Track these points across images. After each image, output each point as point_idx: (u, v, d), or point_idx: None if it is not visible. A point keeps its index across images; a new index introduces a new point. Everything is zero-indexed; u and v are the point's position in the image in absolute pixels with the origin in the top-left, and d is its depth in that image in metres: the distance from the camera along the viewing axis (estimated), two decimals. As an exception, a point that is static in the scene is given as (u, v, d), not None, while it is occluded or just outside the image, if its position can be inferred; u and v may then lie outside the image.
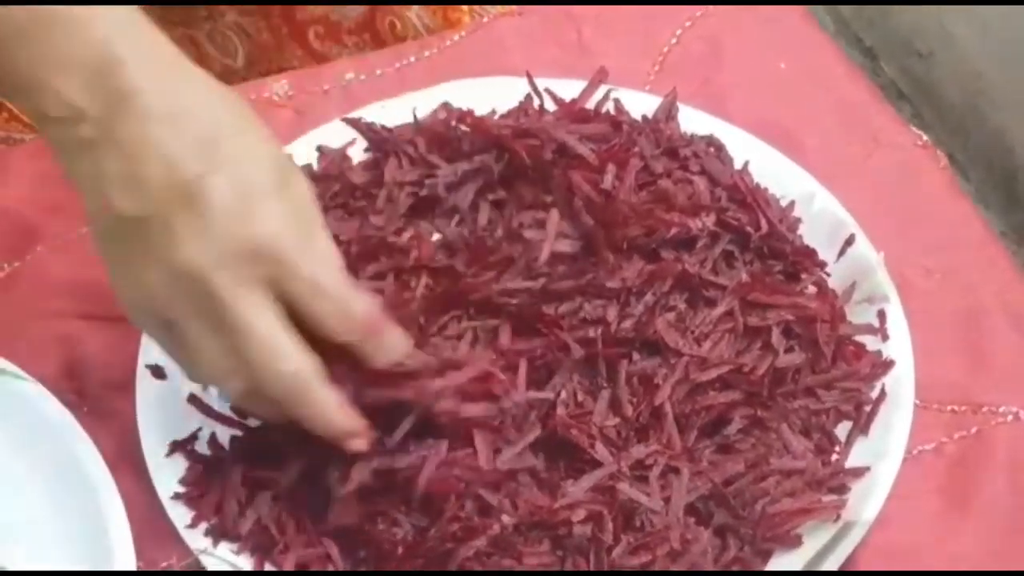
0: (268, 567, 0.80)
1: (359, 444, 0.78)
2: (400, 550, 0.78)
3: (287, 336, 0.75)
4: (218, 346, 0.75)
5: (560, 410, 0.82)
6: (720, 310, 0.87)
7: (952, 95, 2.06)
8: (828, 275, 0.91)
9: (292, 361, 0.75)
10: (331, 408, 0.76)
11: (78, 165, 0.75)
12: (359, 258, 0.87)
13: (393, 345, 0.78)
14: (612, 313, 0.86)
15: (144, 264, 0.74)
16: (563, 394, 0.83)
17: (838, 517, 0.82)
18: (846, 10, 2.22)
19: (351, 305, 0.76)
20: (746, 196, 0.92)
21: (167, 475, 0.83)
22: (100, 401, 0.88)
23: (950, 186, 1.01)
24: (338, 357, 0.77)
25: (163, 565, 0.82)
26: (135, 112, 0.73)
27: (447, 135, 0.95)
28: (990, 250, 0.97)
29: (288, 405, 0.76)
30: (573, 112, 0.97)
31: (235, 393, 0.78)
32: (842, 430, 0.86)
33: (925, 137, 1.02)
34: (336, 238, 0.88)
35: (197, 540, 0.81)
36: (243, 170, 0.74)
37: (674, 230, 0.89)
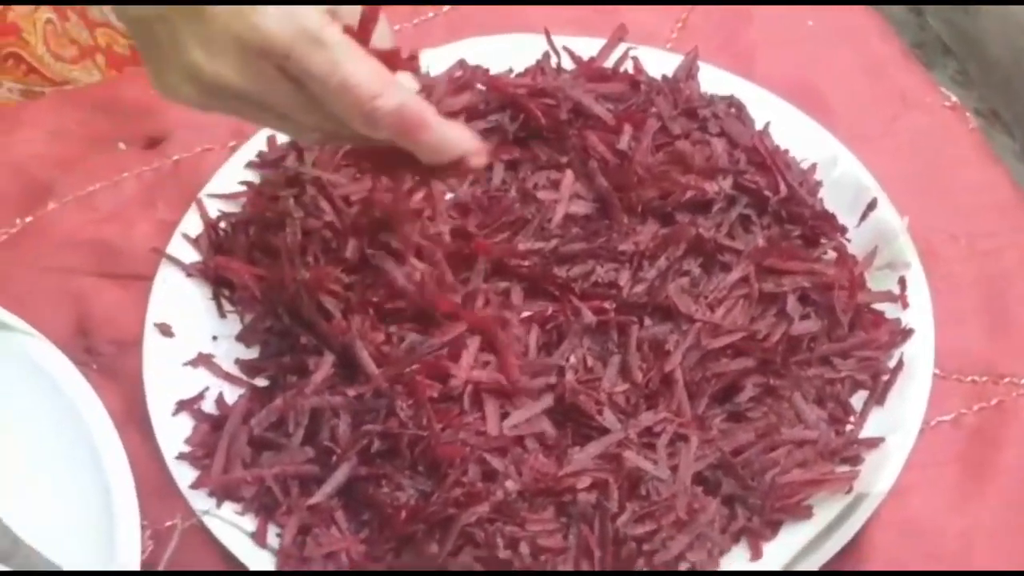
0: (271, 528, 0.80)
1: (480, 159, 0.74)
2: (403, 514, 0.77)
3: (372, 63, 0.71)
4: (300, 98, 0.71)
5: (569, 375, 0.81)
6: (735, 276, 0.85)
7: (998, 50, 2.01)
8: (848, 240, 0.89)
9: (387, 91, 0.70)
10: (447, 126, 0.73)
11: None
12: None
13: (439, 143, 0.73)
14: (624, 277, 0.85)
15: (173, 77, 0.72)
16: (572, 359, 0.82)
17: (851, 489, 0.80)
18: (892, -36, 2.18)
19: (373, 91, 0.70)
20: (765, 158, 0.90)
21: (172, 435, 0.83)
22: (109, 359, 0.88)
23: (979, 149, 0.98)
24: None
25: (167, 524, 0.81)
26: None
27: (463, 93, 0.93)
28: (1018, 216, 0.94)
29: (398, 137, 0.72)
30: (591, 71, 0.96)
31: (329, 136, 0.76)
32: (858, 400, 0.85)
33: (954, 98, 0.99)
34: (347, 198, 0.87)
35: (201, 501, 0.81)
36: None
37: (690, 193, 0.87)
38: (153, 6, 0.71)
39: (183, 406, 0.84)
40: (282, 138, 0.94)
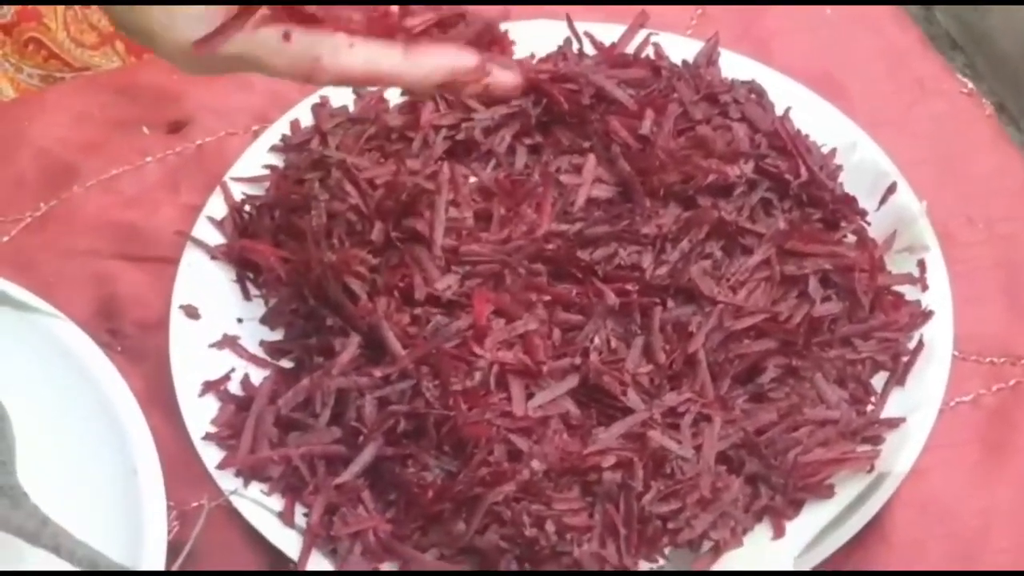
0: (298, 508, 0.80)
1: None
2: (430, 494, 0.78)
3: None
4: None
5: (593, 356, 0.82)
6: (756, 258, 0.86)
7: (1006, 45, 2.02)
8: (868, 224, 0.90)
9: None
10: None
11: None
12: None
13: (427, 62, 0.71)
14: (647, 260, 0.85)
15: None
16: (596, 340, 0.83)
17: (872, 468, 0.81)
18: (900, -42, 2.18)
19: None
20: (786, 143, 0.90)
21: (199, 416, 0.84)
22: (133, 341, 0.89)
23: (995, 135, 0.99)
24: None
25: (193, 505, 0.82)
26: None
27: (484, 78, 0.94)
28: (1036, 201, 0.95)
29: None
30: (612, 56, 0.96)
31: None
32: (878, 381, 0.85)
33: (971, 85, 1.00)
34: (371, 181, 0.88)
35: (228, 481, 0.81)
36: None
37: (711, 177, 0.88)
38: None
39: (209, 387, 0.85)
40: (306, 122, 0.95)
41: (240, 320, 0.89)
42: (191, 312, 0.87)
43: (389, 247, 0.86)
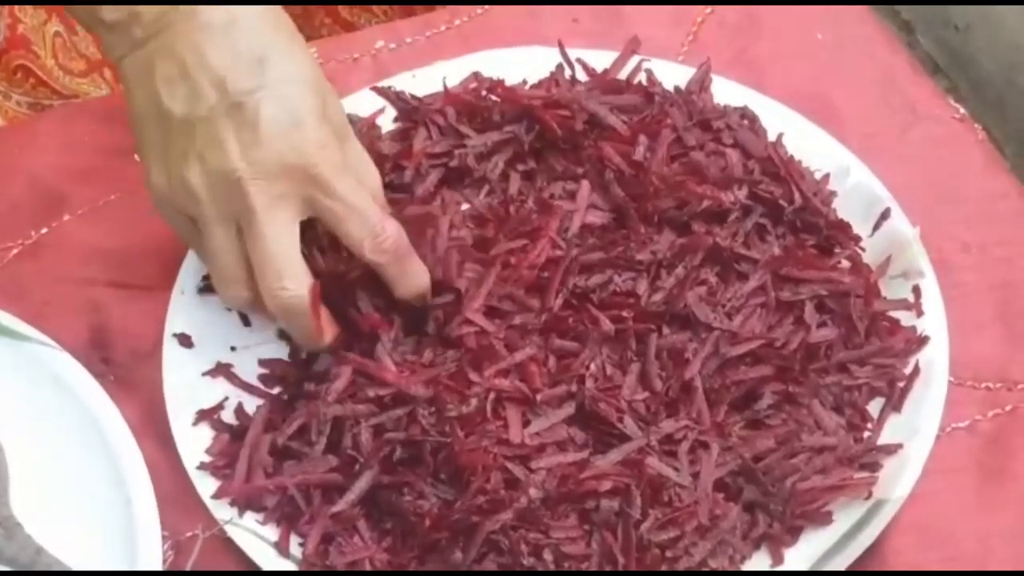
0: (293, 538, 0.80)
1: (327, 342, 0.84)
2: (427, 522, 0.77)
3: (297, 259, 0.80)
4: (235, 254, 0.81)
5: (589, 383, 0.81)
6: (752, 284, 0.86)
7: (989, 69, 2.03)
8: (863, 249, 0.90)
9: (294, 284, 0.80)
10: (313, 331, 0.82)
11: (131, 63, 0.81)
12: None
13: (417, 274, 0.83)
14: (642, 286, 0.85)
15: (184, 163, 0.79)
16: (592, 367, 0.82)
17: (870, 494, 0.81)
18: (882, -17, 2.20)
19: (381, 227, 0.81)
20: (780, 169, 0.91)
21: (193, 445, 0.83)
22: (126, 369, 0.88)
23: (988, 160, 0.99)
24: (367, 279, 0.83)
25: (188, 535, 0.81)
26: (189, 19, 0.78)
27: (477, 105, 0.94)
28: (1028, 225, 0.96)
29: (281, 319, 0.83)
30: (605, 83, 0.96)
31: (238, 301, 0.84)
32: (875, 406, 0.85)
33: (963, 111, 1.00)
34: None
35: (223, 510, 0.81)
36: (290, 90, 0.79)
37: (706, 203, 0.88)
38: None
39: (203, 416, 0.84)
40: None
41: (233, 348, 0.88)
42: (184, 340, 0.87)
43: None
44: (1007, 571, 0.81)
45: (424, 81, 0.97)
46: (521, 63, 0.98)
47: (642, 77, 0.97)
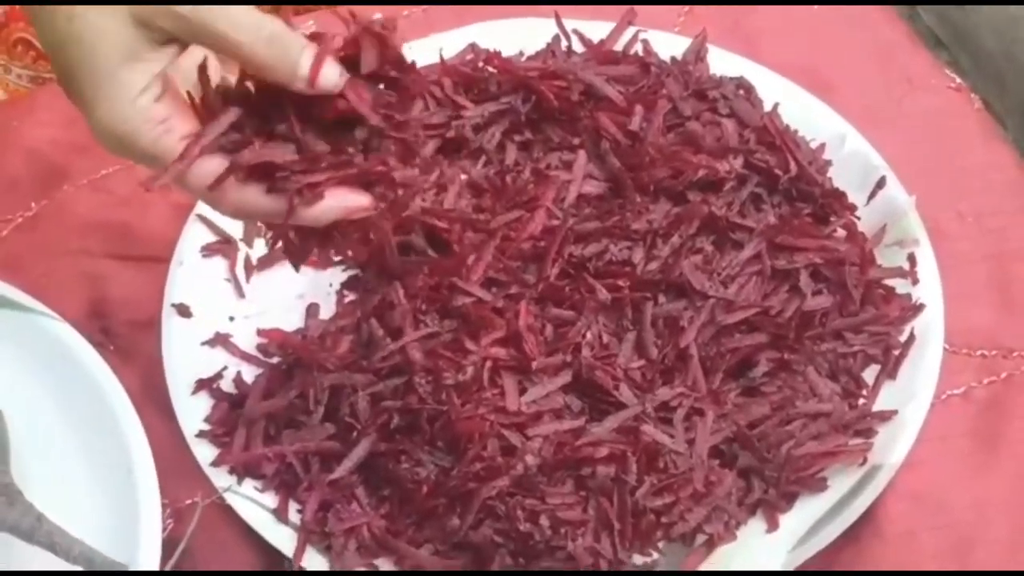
0: (292, 505, 0.80)
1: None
2: (424, 489, 0.78)
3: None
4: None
5: (585, 352, 0.82)
6: (747, 253, 0.86)
7: (989, 42, 2.03)
8: (858, 218, 0.90)
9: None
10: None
11: None
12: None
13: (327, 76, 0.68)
14: (638, 255, 0.86)
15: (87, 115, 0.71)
16: (588, 336, 0.83)
17: (864, 460, 0.81)
18: (884, -43, 2.19)
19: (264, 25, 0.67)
20: (775, 138, 0.91)
21: (192, 413, 0.84)
22: (126, 340, 0.89)
23: (984, 129, 0.99)
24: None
25: (187, 503, 0.82)
26: None
27: (474, 76, 0.94)
28: (1024, 195, 0.96)
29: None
30: (601, 53, 0.97)
31: None
32: (870, 374, 0.86)
33: (959, 80, 1.00)
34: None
35: (222, 478, 0.81)
36: None
37: (701, 172, 0.88)
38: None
39: (202, 385, 0.85)
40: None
41: (232, 318, 0.89)
42: (183, 311, 0.87)
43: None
44: (1009, 572, 0.82)
45: (421, 52, 0.96)
46: (518, 34, 0.98)
47: (638, 48, 0.98)
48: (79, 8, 0.67)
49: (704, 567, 0.79)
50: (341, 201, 0.70)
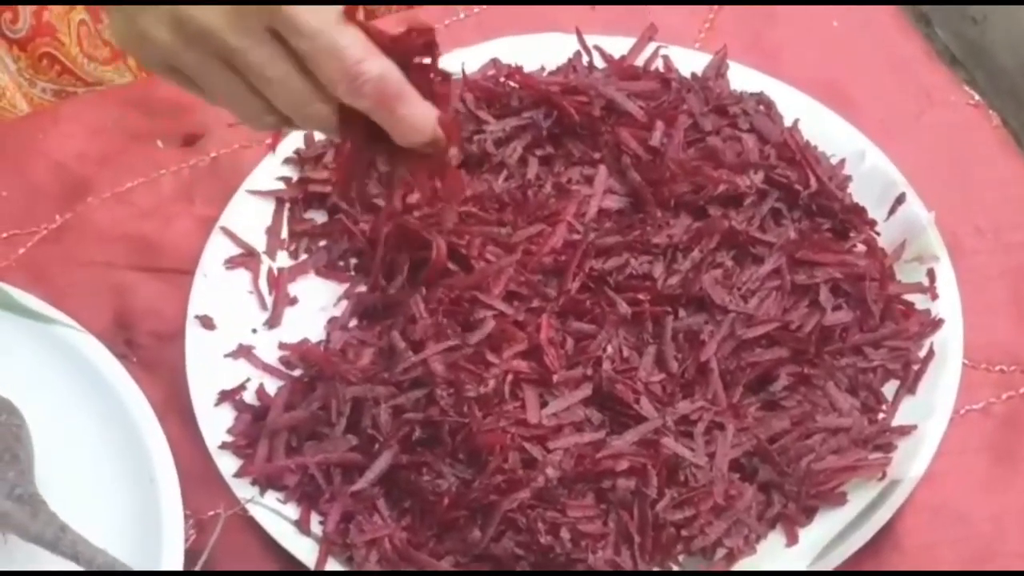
0: (314, 516, 0.81)
1: (455, 154, 0.76)
2: (445, 501, 0.78)
3: (359, 36, 0.72)
4: (244, 91, 0.74)
5: (606, 365, 0.82)
6: (767, 267, 0.87)
7: (1006, 60, 2.03)
8: (878, 233, 0.91)
9: (375, 61, 0.72)
10: (425, 104, 0.75)
11: None
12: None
13: (413, 118, 0.74)
14: (659, 269, 0.86)
15: (149, 20, 0.72)
16: (609, 349, 0.83)
17: (884, 475, 0.81)
18: (900, -25, 2.20)
19: (357, 67, 0.71)
20: (795, 153, 0.91)
21: (215, 425, 0.84)
22: (149, 351, 0.89)
23: (1002, 145, 1.00)
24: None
25: (210, 514, 0.82)
26: None
27: (496, 91, 0.95)
28: (1043, 210, 0.96)
29: (376, 107, 0.73)
30: (622, 69, 0.97)
31: (268, 125, 0.77)
32: (889, 389, 0.86)
33: (977, 97, 1.01)
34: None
35: (244, 489, 0.82)
36: None
37: (722, 187, 0.89)
38: None
39: (225, 397, 0.85)
40: (320, 135, 0.96)
41: (255, 330, 0.89)
42: (206, 323, 0.88)
43: None
44: (1009, 571, 0.82)
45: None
46: (539, 50, 0.99)
47: (659, 64, 0.98)
48: None
49: (724, 580, 0.79)
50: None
